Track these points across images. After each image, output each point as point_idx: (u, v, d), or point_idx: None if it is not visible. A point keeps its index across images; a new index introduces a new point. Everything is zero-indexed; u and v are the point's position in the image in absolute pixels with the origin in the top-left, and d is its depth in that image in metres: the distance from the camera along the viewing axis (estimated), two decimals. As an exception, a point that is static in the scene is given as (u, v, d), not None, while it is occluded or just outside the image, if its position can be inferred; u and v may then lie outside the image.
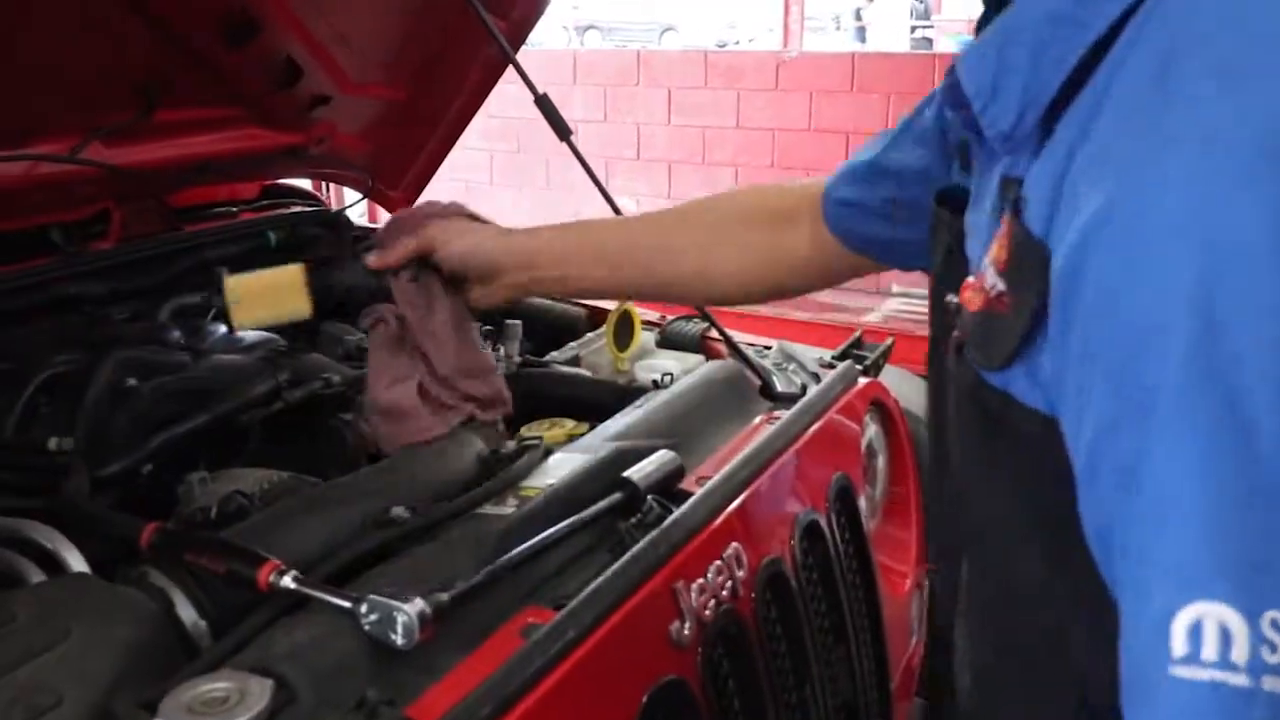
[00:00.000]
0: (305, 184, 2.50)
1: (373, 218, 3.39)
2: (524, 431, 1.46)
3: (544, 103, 1.59)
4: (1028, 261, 0.66)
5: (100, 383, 1.44)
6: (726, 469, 1.25)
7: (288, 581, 0.95)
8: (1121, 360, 0.56)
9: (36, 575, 1.11)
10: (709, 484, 1.21)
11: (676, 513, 1.15)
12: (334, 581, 1.00)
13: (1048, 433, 0.65)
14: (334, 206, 2.42)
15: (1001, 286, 0.69)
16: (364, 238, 2.29)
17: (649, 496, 1.16)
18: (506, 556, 1.01)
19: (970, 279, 0.75)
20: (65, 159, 1.65)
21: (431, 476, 1.21)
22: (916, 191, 0.99)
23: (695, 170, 6.93)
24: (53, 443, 1.35)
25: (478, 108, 2.22)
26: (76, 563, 1.12)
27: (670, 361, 1.76)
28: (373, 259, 1.34)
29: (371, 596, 0.90)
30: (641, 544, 1.07)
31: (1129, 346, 0.56)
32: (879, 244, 1.12)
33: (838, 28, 16.07)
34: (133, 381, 1.45)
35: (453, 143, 2.27)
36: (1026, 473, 0.71)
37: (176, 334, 1.62)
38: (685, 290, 1.31)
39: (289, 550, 1.03)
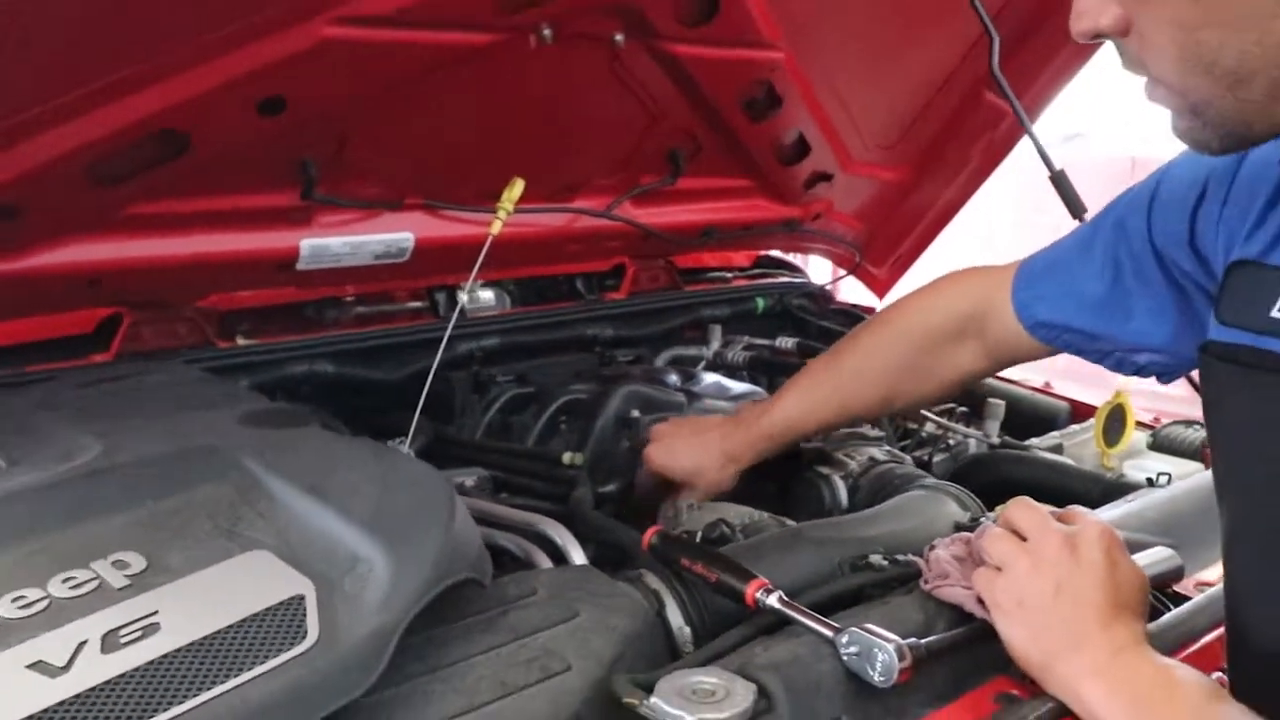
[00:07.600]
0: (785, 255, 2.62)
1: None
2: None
3: (1060, 180, 1.56)
4: None
5: (609, 411, 1.61)
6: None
7: (773, 601, 0.99)
8: None
9: (546, 564, 1.25)
10: (1211, 590, 1.11)
11: (1172, 614, 1.05)
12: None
13: None
14: (812, 279, 2.52)
15: None
16: (846, 313, 2.36)
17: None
18: (985, 620, 0.98)
19: None
20: (602, 214, 1.88)
21: (908, 533, 1.21)
22: (1160, 357, 1.16)
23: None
24: (566, 457, 1.52)
25: (973, 192, 2.23)
26: (579, 558, 1.25)
27: (1165, 464, 1.62)
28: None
29: (853, 629, 0.92)
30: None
31: None
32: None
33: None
34: (635, 413, 1.60)
35: (944, 225, 2.29)
36: None
37: (674, 378, 1.77)
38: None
39: (769, 577, 1.08)
